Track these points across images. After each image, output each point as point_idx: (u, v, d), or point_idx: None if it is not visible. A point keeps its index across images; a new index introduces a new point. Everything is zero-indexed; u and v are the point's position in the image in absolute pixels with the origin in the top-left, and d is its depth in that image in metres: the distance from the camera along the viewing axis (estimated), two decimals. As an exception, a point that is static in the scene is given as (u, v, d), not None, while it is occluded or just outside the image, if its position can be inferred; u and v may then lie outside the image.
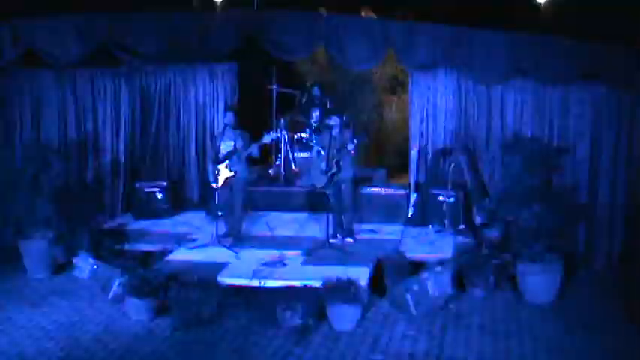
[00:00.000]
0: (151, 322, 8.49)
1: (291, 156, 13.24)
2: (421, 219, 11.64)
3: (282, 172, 13.17)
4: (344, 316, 8.24)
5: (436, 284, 8.78)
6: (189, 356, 7.65)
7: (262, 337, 8.04)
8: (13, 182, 10.33)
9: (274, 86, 13.58)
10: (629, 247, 10.09)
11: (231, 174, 10.44)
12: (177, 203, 12.83)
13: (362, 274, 8.98)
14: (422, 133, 11.87)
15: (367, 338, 8.00)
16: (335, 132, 10.50)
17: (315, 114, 13.27)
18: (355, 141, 10.30)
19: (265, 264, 9.60)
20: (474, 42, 10.34)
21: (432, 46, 10.49)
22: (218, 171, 10.46)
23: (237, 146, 10.42)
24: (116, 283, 8.96)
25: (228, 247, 10.30)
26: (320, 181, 10.64)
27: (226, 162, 10.44)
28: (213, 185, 10.61)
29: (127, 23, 10.71)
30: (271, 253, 10.08)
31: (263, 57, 11.08)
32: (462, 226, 11.14)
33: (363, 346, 7.80)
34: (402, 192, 11.94)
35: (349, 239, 10.67)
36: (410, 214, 11.84)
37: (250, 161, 10.90)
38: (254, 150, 10.46)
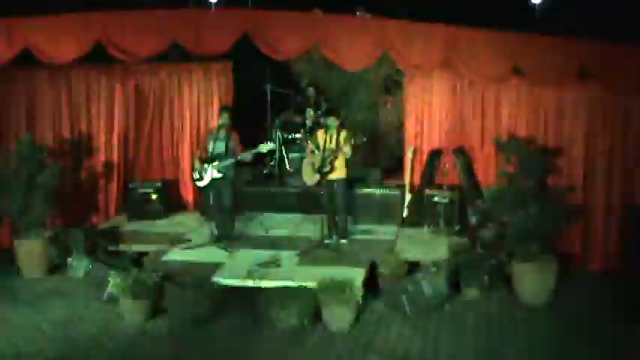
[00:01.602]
0: (146, 322, 8.49)
1: (285, 156, 13.23)
2: (416, 219, 11.63)
3: (277, 173, 13.15)
4: (339, 317, 8.25)
5: (431, 285, 8.79)
6: (184, 357, 7.65)
7: (257, 337, 8.05)
8: (8, 182, 10.31)
9: (269, 86, 13.57)
10: (624, 247, 10.10)
11: (220, 175, 10.42)
12: (172, 204, 12.80)
13: (357, 275, 8.99)
14: (417, 134, 11.87)
15: (362, 339, 8.01)
16: (330, 132, 10.50)
17: (310, 114, 13.26)
18: (352, 141, 10.30)
19: (260, 264, 9.59)
20: (470, 42, 10.33)
21: (428, 45, 10.47)
22: (205, 170, 10.44)
23: (228, 148, 10.40)
24: (111, 283, 8.94)
25: (222, 248, 10.29)
26: (311, 180, 10.64)
27: (216, 162, 10.42)
28: (198, 183, 10.61)
29: (121, 22, 10.68)
30: (266, 254, 10.07)
31: (258, 57, 11.05)
32: (456, 227, 11.14)
33: (358, 346, 7.82)
34: (396, 192, 11.93)
35: (343, 241, 10.65)
36: (404, 214, 11.83)
37: (243, 162, 10.86)
38: (248, 157, 10.44)
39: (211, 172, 10.44)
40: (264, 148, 10.46)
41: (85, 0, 10.79)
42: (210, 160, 10.47)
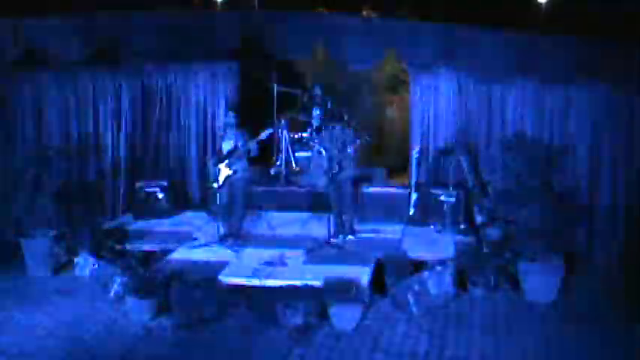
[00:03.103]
0: (152, 321, 8.50)
1: (292, 155, 13.22)
2: (422, 218, 11.63)
3: (283, 172, 13.15)
4: (345, 316, 8.25)
5: (437, 284, 8.79)
6: (190, 356, 7.66)
7: (263, 336, 8.05)
8: (15, 182, 10.35)
9: (275, 86, 13.57)
10: (630, 246, 10.08)
11: (231, 172, 10.43)
12: (178, 203, 12.80)
13: (363, 274, 8.99)
14: (423, 133, 11.87)
15: (368, 338, 8.00)
16: (336, 131, 10.51)
17: (316, 113, 13.25)
18: (357, 141, 10.32)
19: (266, 263, 9.60)
20: (475, 41, 10.34)
21: (433, 45, 10.48)
22: (219, 170, 10.46)
23: (238, 145, 10.42)
24: (117, 282, 8.97)
25: (229, 247, 10.30)
26: (320, 181, 10.65)
27: (227, 161, 10.44)
28: (214, 185, 10.61)
29: (128, 23, 10.72)
30: (272, 253, 10.08)
31: (264, 56, 11.07)
32: (462, 226, 11.12)
33: (363, 345, 7.81)
34: (402, 191, 11.93)
35: (350, 237, 10.65)
36: (411, 213, 11.83)
37: (251, 160, 10.90)
38: (252, 146, 10.45)
39: (224, 172, 10.46)
40: (264, 134, 10.49)
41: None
42: (221, 159, 10.49)
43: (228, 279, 9.07)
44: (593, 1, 12.27)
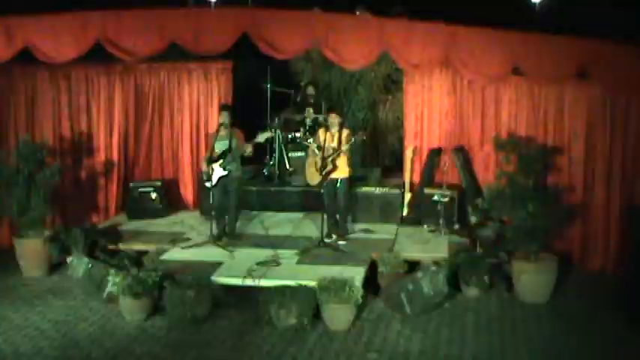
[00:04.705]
0: (146, 321, 8.50)
1: (285, 155, 13.22)
2: (416, 218, 11.62)
3: (277, 172, 13.14)
4: (338, 316, 8.25)
5: (431, 284, 8.78)
6: (184, 356, 7.64)
7: (257, 336, 8.05)
8: (8, 181, 10.31)
9: (268, 85, 13.56)
10: (624, 247, 10.08)
11: (225, 173, 10.43)
12: (172, 203, 12.80)
13: (356, 274, 8.98)
14: (416, 133, 11.88)
15: (362, 338, 8.01)
16: (331, 131, 10.51)
17: (310, 113, 13.25)
18: (352, 140, 10.32)
19: (260, 263, 9.59)
20: (469, 41, 10.32)
21: (428, 45, 10.47)
22: (212, 170, 10.46)
23: (231, 145, 10.41)
24: (110, 282, 8.94)
25: (222, 247, 10.29)
26: (314, 180, 10.65)
27: (220, 161, 10.44)
28: (207, 184, 10.60)
29: (121, 21, 10.68)
30: (266, 253, 10.07)
31: (258, 56, 11.05)
32: (456, 226, 11.14)
33: (357, 345, 7.82)
34: (396, 191, 11.93)
35: (342, 242, 10.61)
36: (404, 213, 11.82)
37: (244, 160, 10.89)
38: (248, 149, 10.47)
39: (217, 171, 10.46)
40: (262, 137, 10.53)
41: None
42: (215, 159, 10.48)
43: (221, 279, 9.07)
44: (591, 1, 12.28)
